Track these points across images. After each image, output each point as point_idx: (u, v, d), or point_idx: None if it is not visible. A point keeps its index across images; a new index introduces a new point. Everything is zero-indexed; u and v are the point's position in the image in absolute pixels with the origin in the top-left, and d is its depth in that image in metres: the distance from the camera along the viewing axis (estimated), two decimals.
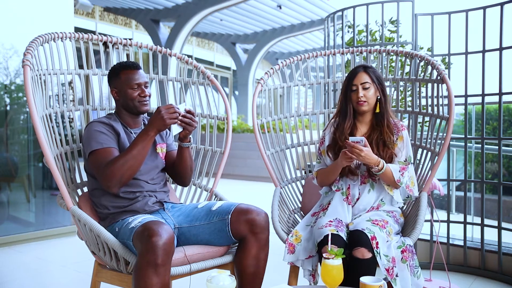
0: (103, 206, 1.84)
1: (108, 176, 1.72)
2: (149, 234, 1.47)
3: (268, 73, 2.46)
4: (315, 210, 2.10)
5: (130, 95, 1.89)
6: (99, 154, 1.78)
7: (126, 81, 1.89)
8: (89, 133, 1.82)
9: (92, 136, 1.81)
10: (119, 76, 1.90)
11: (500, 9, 2.64)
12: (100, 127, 1.84)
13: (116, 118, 1.94)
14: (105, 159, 1.76)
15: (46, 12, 3.63)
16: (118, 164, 1.71)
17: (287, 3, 9.46)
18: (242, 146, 7.96)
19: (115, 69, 1.93)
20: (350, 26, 3.28)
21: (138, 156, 1.74)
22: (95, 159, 1.78)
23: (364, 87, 2.00)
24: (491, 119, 5.38)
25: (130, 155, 1.72)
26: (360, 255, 1.70)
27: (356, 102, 2.01)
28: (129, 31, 10.98)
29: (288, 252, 1.89)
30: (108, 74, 1.96)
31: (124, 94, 1.90)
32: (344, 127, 2.04)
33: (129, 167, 1.72)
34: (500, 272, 2.72)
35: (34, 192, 3.89)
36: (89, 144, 1.80)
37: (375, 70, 2.05)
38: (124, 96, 1.90)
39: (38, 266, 3.00)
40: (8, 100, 3.72)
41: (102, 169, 1.73)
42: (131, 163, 1.72)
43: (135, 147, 1.74)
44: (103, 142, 1.80)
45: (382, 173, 1.91)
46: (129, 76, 1.89)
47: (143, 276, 1.45)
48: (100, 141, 1.79)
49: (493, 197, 4.38)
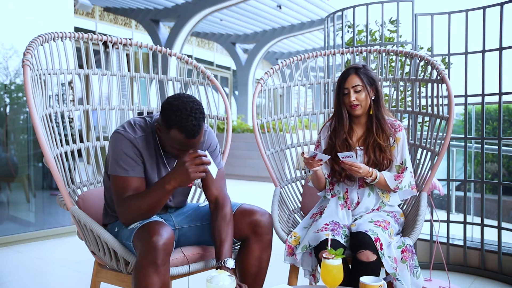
0: (110, 207, 1.80)
1: (123, 213, 1.62)
2: (149, 234, 1.47)
3: (268, 73, 2.46)
4: (314, 212, 2.09)
5: (169, 149, 1.65)
6: (121, 181, 1.62)
7: (172, 140, 1.56)
8: (116, 151, 1.63)
9: (118, 157, 1.63)
10: (168, 130, 1.54)
11: (500, 9, 2.64)
12: (129, 150, 1.63)
13: (149, 136, 1.68)
14: (125, 189, 1.62)
15: (46, 12, 3.63)
16: (134, 206, 1.59)
17: (287, 3, 9.47)
18: (242, 146, 7.96)
19: (169, 118, 1.52)
20: (350, 26, 3.28)
21: (154, 208, 1.59)
22: (117, 184, 1.64)
23: (356, 90, 1.96)
24: (491, 119, 5.38)
25: (145, 204, 1.58)
26: (365, 258, 1.69)
27: (349, 106, 1.98)
28: (129, 31, 10.98)
29: (287, 254, 1.89)
30: (162, 107, 1.56)
31: (164, 140, 1.63)
32: (340, 132, 2.02)
33: (143, 213, 1.60)
34: (500, 272, 2.72)
35: (34, 192, 3.89)
36: (114, 166, 1.64)
37: (367, 71, 2.00)
38: (163, 142, 1.65)
39: (38, 266, 3.00)
40: (8, 100, 3.71)
41: (120, 201, 1.62)
42: (145, 212, 1.60)
43: (150, 198, 1.57)
44: (129, 169, 1.63)
45: (376, 182, 1.93)
46: (178, 139, 1.54)
47: (143, 276, 1.45)
48: (125, 168, 1.62)
49: (493, 197, 4.38)
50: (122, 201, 1.62)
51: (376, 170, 1.93)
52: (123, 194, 1.62)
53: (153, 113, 1.87)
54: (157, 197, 1.57)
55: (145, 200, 1.58)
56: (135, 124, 1.68)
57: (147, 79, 2.36)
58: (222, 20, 10.85)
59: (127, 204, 1.61)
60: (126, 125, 1.68)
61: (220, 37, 12.62)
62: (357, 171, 1.88)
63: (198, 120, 1.52)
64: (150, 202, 1.58)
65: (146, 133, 1.68)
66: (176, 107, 1.52)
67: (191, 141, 1.55)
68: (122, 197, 1.62)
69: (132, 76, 2.31)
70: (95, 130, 5.06)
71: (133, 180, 1.63)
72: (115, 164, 1.64)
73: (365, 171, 1.89)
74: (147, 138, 1.67)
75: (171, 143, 1.58)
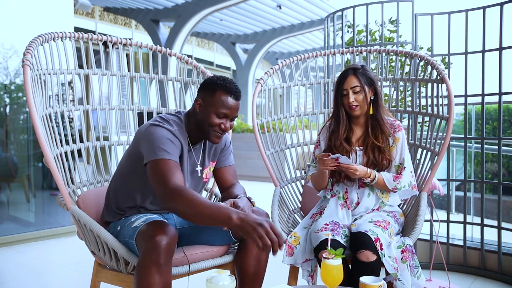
0: (117, 205, 1.79)
1: (170, 199, 1.49)
2: (153, 233, 1.47)
3: (268, 73, 2.46)
4: (314, 212, 2.09)
5: (211, 120, 1.68)
6: (166, 164, 1.56)
7: (217, 103, 1.66)
8: (158, 138, 1.61)
9: (161, 142, 1.60)
10: (213, 93, 1.67)
11: (500, 9, 2.64)
12: (170, 135, 1.64)
13: (184, 130, 1.74)
14: (172, 171, 1.55)
15: (46, 12, 3.63)
16: (184, 203, 1.47)
17: (287, 3, 9.47)
18: (242, 146, 7.96)
19: (214, 83, 1.69)
20: (350, 26, 3.28)
21: (201, 220, 1.48)
22: (162, 168, 1.55)
23: (355, 91, 1.96)
24: (491, 119, 5.38)
25: (199, 212, 1.45)
26: (365, 258, 1.69)
27: (348, 106, 1.98)
28: (129, 31, 10.98)
29: (286, 255, 1.89)
30: (203, 83, 1.73)
31: (206, 113, 1.69)
32: (339, 133, 2.01)
33: (186, 215, 1.50)
34: (500, 272, 2.72)
35: (34, 192, 3.89)
36: (156, 151, 1.58)
37: (366, 71, 1.99)
38: (205, 116, 1.69)
39: (38, 266, 3.00)
40: (8, 100, 3.72)
41: (168, 186, 1.50)
42: (191, 216, 1.49)
43: (206, 215, 1.44)
44: (172, 153, 1.60)
45: (375, 183, 1.93)
46: (224, 101, 1.66)
47: (146, 275, 1.46)
48: (169, 151, 1.59)
49: (493, 197, 4.38)
50: (173, 189, 1.49)
51: (374, 171, 1.93)
52: (172, 178, 1.53)
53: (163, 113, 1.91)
54: (210, 219, 1.44)
55: (202, 209, 1.45)
56: (168, 119, 1.72)
57: (147, 79, 2.36)
58: (222, 20, 10.85)
59: (184, 195, 1.48)
60: (159, 119, 1.71)
61: (220, 37, 12.62)
62: (354, 173, 1.88)
63: (238, 87, 1.71)
64: (202, 215, 1.45)
65: (180, 127, 1.73)
66: (218, 77, 1.71)
67: (234, 103, 1.69)
68: (171, 180, 1.52)
69: (132, 76, 2.31)
70: (95, 130, 5.06)
71: (177, 164, 1.60)
72: (156, 149, 1.58)
73: (362, 172, 1.89)
74: (182, 133, 1.72)
75: (215, 107, 1.67)
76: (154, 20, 9.93)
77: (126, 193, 1.78)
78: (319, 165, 1.91)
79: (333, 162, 1.87)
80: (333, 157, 1.85)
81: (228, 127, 1.71)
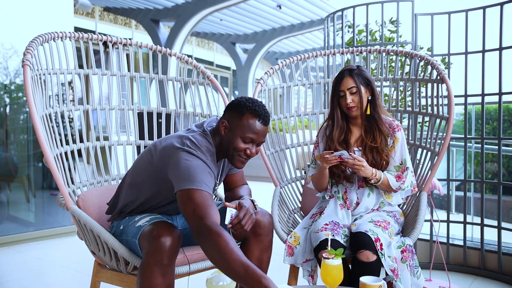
0: (124, 209, 1.75)
1: (205, 238, 1.41)
2: (157, 234, 1.47)
3: (268, 73, 2.46)
4: (314, 212, 2.09)
5: (236, 144, 1.60)
6: (203, 196, 1.48)
7: (244, 127, 1.58)
8: (193, 167, 1.52)
9: (197, 172, 1.51)
10: (241, 116, 1.59)
11: (500, 9, 2.65)
12: (206, 167, 1.56)
13: (215, 157, 1.65)
14: (208, 206, 1.46)
15: (46, 12, 3.63)
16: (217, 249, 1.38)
17: (287, 3, 9.46)
18: None
19: (242, 105, 1.60)
20: (350, 26, 3.28)
21: (227, 272, 1.40)
22: (197, 199, 1.47)
23: (351, 92, 1.95)
24: (491, 119, 5.38)
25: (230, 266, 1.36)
26: (365, 258, 1.69)
27: (345, 107, 1.97)
28: (129, 31, 10.97)
29: (287, 255, 1.89)
30: (230, 103, 1.65)
31: (231, 137, 1.61)
32: (334, 135, 2.00)
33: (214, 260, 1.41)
34: (500, 272, 2.72)
35: (34, 192, 3.90)
36: (192, 179, 1.49)
37: (362, 71, 1.98)
38: (230, 139, 1.61)
39: (38, 266, 3.00)
40: (8, 100, 3.72)
41: (205, 222, 1.42)
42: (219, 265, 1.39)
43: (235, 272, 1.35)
44: (209, 185, 1.52)
45: (380, 183, 1.92)
46: (251, 125, 1.58)
47: (149, 276, 1.45)
48: (206, 183, 1.51)
49: (493, 197, 4.37)
50: (212, 229, 1.40)
51: (380, 172, 1.92)
52: (209, 213, 1.44)
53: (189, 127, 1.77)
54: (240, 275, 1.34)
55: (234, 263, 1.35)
56: (200, 145, 1.60)
57: (147, 79, 2.36)
58: (222, 20, 10.84)
59: (220, 241, 1.38)
60: (190, 144, 1.58)
61: (220, 37, 12.61)
62: (361, 166, 1.85)
63: (267, 111, 1.62)
64: (234, 268, 1.35)
65: (211, 153, 1.63)
66: (247, 99, 1.61)
67: (263, 128, 1.60)
68: (209, 216, 1.43)
69: (132, 76, 2.31)
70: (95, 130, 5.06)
71: (212, 197, 1.52)
72: (193, 178, 1.50)
73: (369, 168, 1.88)
74: (212, 157, 1.63)
75: (241, 132, 1.58)
76: (154, 20, 9.92)
77: (136, 202, 1.73)
78: (322, 162, 1.91)
79: (335, 159, 1.87)
80: (336, 154, 1.85)
81: (254, 152, 1.63)
